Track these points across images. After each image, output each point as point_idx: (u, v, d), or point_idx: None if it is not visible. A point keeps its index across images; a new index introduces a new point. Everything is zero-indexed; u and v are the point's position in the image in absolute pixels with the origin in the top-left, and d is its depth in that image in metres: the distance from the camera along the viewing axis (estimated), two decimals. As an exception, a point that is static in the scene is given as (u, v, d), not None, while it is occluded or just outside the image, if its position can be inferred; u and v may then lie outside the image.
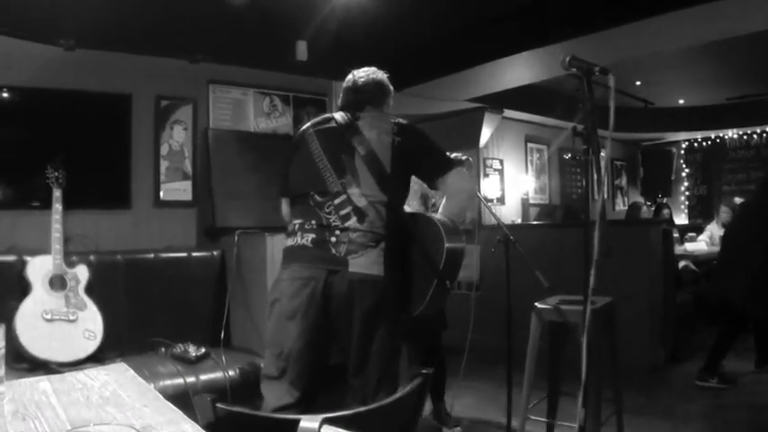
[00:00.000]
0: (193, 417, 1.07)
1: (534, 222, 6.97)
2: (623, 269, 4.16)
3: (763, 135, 8.60)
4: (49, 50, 3.34)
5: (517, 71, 4.94)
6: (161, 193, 3.77)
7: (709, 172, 9.18)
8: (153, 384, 2.43)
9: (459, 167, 2.14)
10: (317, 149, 2.07)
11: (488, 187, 6.93)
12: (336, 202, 1.98)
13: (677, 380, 4.25)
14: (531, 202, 7.56)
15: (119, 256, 3.20)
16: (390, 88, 2.28)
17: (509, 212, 7.19)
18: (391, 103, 2.30)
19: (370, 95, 2.21)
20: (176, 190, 3.83)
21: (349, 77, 2.28)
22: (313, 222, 1.98)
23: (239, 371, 2.80)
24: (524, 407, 2.63)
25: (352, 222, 1.94)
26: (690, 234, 6.65)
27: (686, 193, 9.50)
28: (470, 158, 2.96)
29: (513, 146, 7.50)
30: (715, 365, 3.97)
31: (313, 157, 2.07)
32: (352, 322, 1.93)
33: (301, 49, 4.00)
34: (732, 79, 6.67)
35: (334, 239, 1.93)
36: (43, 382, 1.36)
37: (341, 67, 2.27)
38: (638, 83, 6.77)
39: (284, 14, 3.65)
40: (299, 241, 1.99)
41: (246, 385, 2.68)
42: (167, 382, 2.57)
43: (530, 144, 7.74)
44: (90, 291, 2.82)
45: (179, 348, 2.86)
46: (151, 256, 3.31)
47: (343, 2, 3.57)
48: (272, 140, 4.12)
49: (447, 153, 2.25)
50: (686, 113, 8.23)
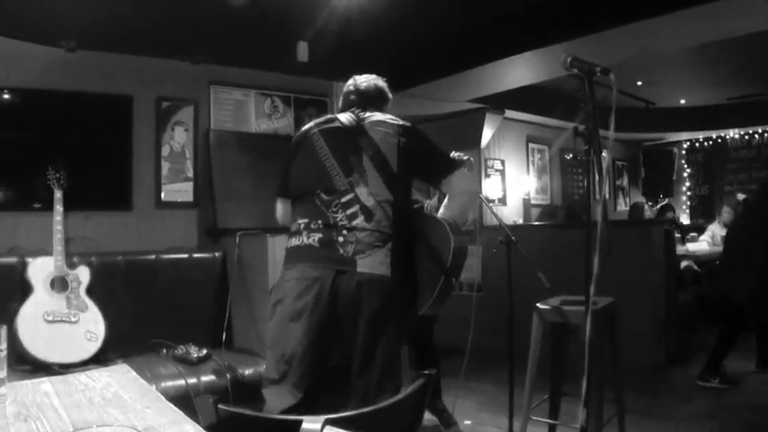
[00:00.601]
0: (195, 418, 1.07)
1: (536, 223, 6.97)
2: (625, 270, 4.15)
3: (765, 135, 8.59)
4: (50, 52, 3.34)
5: (518, 72, 4.94)
6: (162, 195, 3.77)
7: (711, 172, 9.17)
8: (155, 386, 2.43)
9: (462, 169, 2.16)
10: (322, 148, 2.07)
11: (490, 188, 6.93)
12: (343, 200, 1.97)
13: (679, 380, 4.24)
14: (532, 202, 7.56)
15: (120, 257, 3.20)
16: (390, 96, 2.31)
17: (510, 213, 7.18)
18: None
19: (373, 100, 2.23)
20: (177, 191, 3.83)
21: (350, 81, 2.30)
22: (319, 222, 1.97)
23: (241, 372, 2.80)
24: (526, 408, 2.62)
25: (359, 221, 1.94)
26: (692, 234, 6.64)
27: (688, 194, 9.49)
28: (472, 159, 2.95)
29: (515, 146, 7.49)
30: (716, 366, 3.96)
31: (319, 156, 2.06)
32: (357, 322, 1.92)
33: (302, 50, 4.01)
34: (733, 79, 6.66)
35: (341, 239, 1.93)
36: (45, 383, 1.36)
37: (342, 68, 2.28)
38: (639, 83, 6.77)
39: (285, 15, 3.66)
40: (305, 241, 1.98)
41: (248, 386, 2.67)
42: (169, 383, 2.57)
43: (531, 144, 7.74)
44: (91, 292, 2.83)
45: (180, 350, 2.86)
46: (152, 257, 3.31)
47: (344, 3, 3.57)
48: (273, 141, 4.12)
49: (449, 154, 2.27)
50: (687, 113, 8.22)
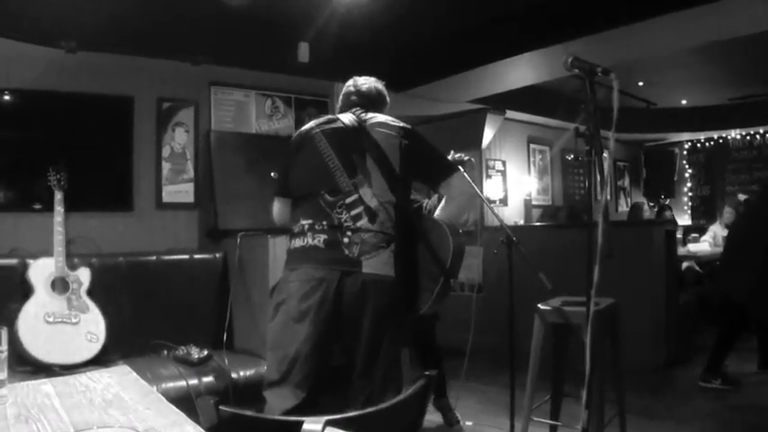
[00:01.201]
0: (196, 419, 1.07)
1: (537, 223, 6.95)
2: (626, 270, 4.14)
3: (766, 135, 8.58)
4: (50, 53, 3.34)
5: (519, 72, 4.94)
6: (163, 195, 3.77)
7: (712, 172, 9.16)
8: (155, 387, 2.43)
9: (461, 171, 2.18)
10: (325, 149, 2.06)
11: (491, 188, 6.92)
12: (348, 201, 1.97)
13: (680, 381, 4.24)
14: (533, 203, 7.55)
15: (121, 258, 3.20)
16: (388, 99, 2.33)
17: (512, 214, 7.18)
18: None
19: (373, 101, 2.25)
20: (178, 192, 3.83)
21: (350, 82, 2.30)
22: (324, 223, 1.97)
23: (242, 373, 2.80)
24: (527, 408, 2.62)
25: (363, 222, 1.95)
26: (693, 235, 6.63)
27: (689, 194, 9.48)
28: (473, 159, 2.94)
29: (516, 147, 7.49)
30: (717, 366, 3.96)
31: (322, 156, 2.06)
32: (362, 323, 1.92)
33: (303, 51, 4.01)
34: (735, 79, 6.65)
35: (346, 240, 1.93)
36: (46, 384, 1.36)
37: (343, 69, 2.28)
38: (640, 83, 6.76)
39: (286, 16, 3.66)
40: (309, 242, 1.97)
41: (249, 387, 2.67)
42: (170, 384, 2.57)
43: (532, 145, 7.73)
44: (92, 293, 2.83)
45: (181, 351, 2.85)
46: (153, 258, 3.31)
47: (345, 3, 3.57)
48: (273, 142, 4.12)
49: (448, 157, 2.31)
50: (689, 114, 8.21)
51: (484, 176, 6.83)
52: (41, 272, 2.72)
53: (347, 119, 2.11)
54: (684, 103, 7.93)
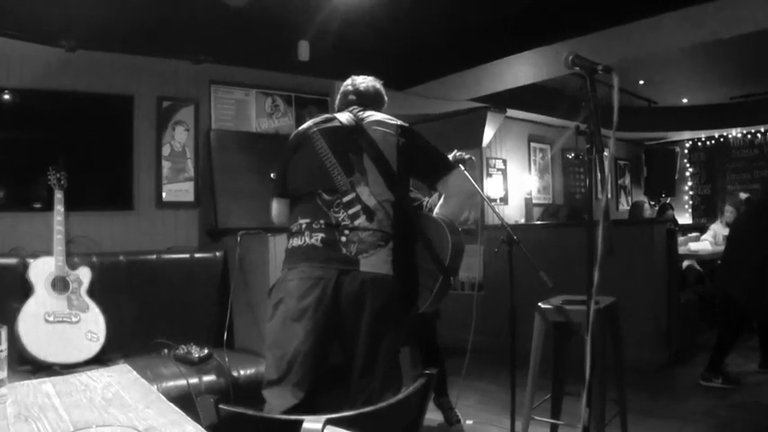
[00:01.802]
0: (196, 418, 1.06)
1: (538, 222, 6.95)
2: (627, 269, 4.15)
3: (767, 134, 8.58)
4: (50, 52, 3.34)
5: (520, 70, 4.93)
6: (163, 194, 3.77)
7: (713, 171, 9.16)
8: (156, 386, 2.43)
9: (459, 169, 2.19)
10: (323, 148, 2.06)
11: (492, 187, 6.92)
12: (345, 200, 1.97)
13: (681, 380, 4.23)
14: (534, 201, 7.54)
15: (121, 257, 3.20)
16: (386, 99, 2.34)
17: (512, 212, 7.18)
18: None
19: (371, 101, 2.25)
20: (178, 191, 3.83)
21: (348, 81, 2.31)
22: (321, 222, 1.97)
23: (242, 372, 2.80)
24: (528, 407, 2.62)
25: (361, 221, 1.95)
26: (694, 234, 6.63)
27: (690, 193, 9.47)
28: (473, 157, 2.94)
29: (516, 145, 7.48)
30: (718, 365, 3.96)
31: (319, 155, 2.05)
32: (360, 322, 1.92)
33: (303, 49, 4.00)
34: (736, 78, 6.64)
35: (344, 239, 1.93)
36: (46, 383, 1.35)
37: (343, 68, 2.28)
38: (641, 82, 6.75)
39: (286, 15, 3.65)
40: (307, 241, 1.97)
41: (250, 386, 2.67)
42: (170, 383, 2.57)
43: (533, 143, 7.73)
44: (92, 292, 2.83)
45: (182, 350, 2.85)
46: (153, 257, 3.31)
47: (345, 2, 3.56)
48: (274, 141, 4.12)
49: (446, 154, 2.28)
50: (690, 112, 8.20)
51: (484, 175, 6.83)
52: (41, 271, 2.72)
53: (344, 118, 2.11)
54: (685, 101, 7.93)
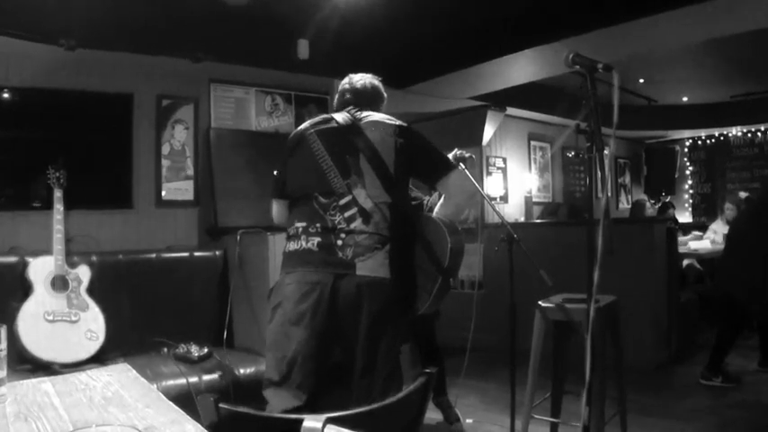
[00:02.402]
0: (196, 417, 1.06)
1: (538, 221, 6.95)
2: (627, 267, 4.15)
3: (767, 133, 8.57)
4: (49, 50, 3.34)
5: (520, 69, 4.93)
6: (163, 193, 3.77)
7: (713, 170, 9.15)
8: (155, 385, 2.43)
9: (459, 168, 2.17)
10: (319, 150, 2.04)
11: (491, 185, 6.91)
12: (341, 203, 1.95)
13: (681, 379, 4.24)
14: (534, 200, 7.54)
15: (120, 256, 3.20)
16: (385, 96, 2.31)
17: (512, 211, 7.17)
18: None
19: (369, 99, 2.22)
20: (178, 189, 3.83)
21: (346, 80, 2.28)
22: (318, 225, 1.95)
23: (242, 371, 2.80)
24: (528, 406, 2.62)
25: (357, 224, 1.92)
26: (697, 233, 6.63)
27: (690, 191, 9.47)
28: (473, 156, 2.94)
29: (516, 144, 7.48)
30: (718, 364, 3.96)
31: (316, 157, 2.04)
32: (358, 325, 1.91)
33: (303, 48, 3.99)
34: (736, 76, 6.64)
35: (340, 242, 1.91)
36: (45, 383, 1.35)
37: (343, 66, 2.27)
38: (641, 80, 6.75)
39: (286, 13, 3.65)
40: (303, 245, 1.96)
41: (250, 385, 2.67)
42: (170, 382, 2.57)
43: (533, 142, 7.72)
44: (92, 291, 2.82)
45: (181, 348, 2.85)
46: (153, 256, 3.31)
47: (345, 0, 3.56)
48: (274, 139, 4.11)
49: (446, 154, 2.24)
50: (690, 111, 8.19)
51: (484, 173, 6.82)
52: (41, 270, 2.72)
53: (341, 118, 2.08)
54: (686, 100, 7.92)
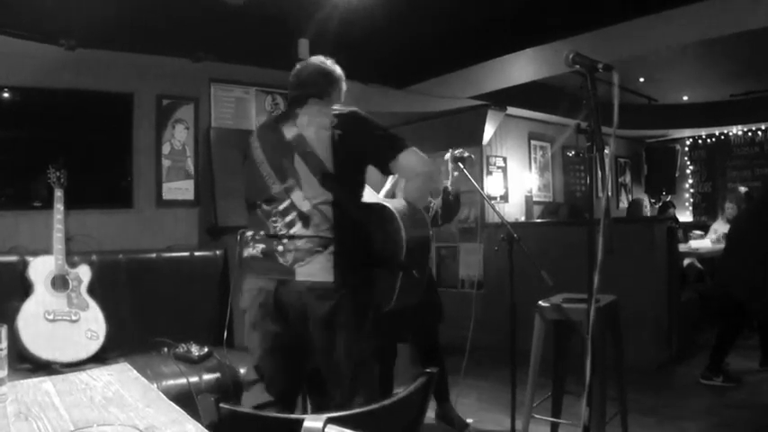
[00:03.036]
0: (197, 417, 1.06)
1: (538, 220, 6.95)
2: (628, 267, 4.14)
3: (768, 132, 8.57)
4: (49, 50, 3.34)
5: (520, 68, 4.92)
6: (163, 193, 3.77)
7: (714, 169, 9.14)
8: (156, 384, 2.43)
9: (412, 148, 1.94)
10: (259, 156, 2.01)
11: (492, 185, 6.91)
12: (281, 208, 1.90)
13: (682, 378, 4.23)
14: (534, 199, 7.53)
15: (121, 255, 3.19)
16: (337, 74, 2.15)
17: (512, 210, 7.16)
18: (344, 89, 2.18)
19: (314, 87, 2.08)
20: (178, 189, 3.83)
21: (293, 71, 2.16)
22: (262, 233, 1.93)
23: (242, 370, 2.79)
24: (528, 406, 2.62)
25: (297, 229, 1.86)
26: (695, 232, 6.62)
27: (691, 191, 9.46)
28: (473, 156, 2.94)
29: (517, 143, 7.47)
30: (719, 363, 3.96)
31: (257, 165, 2.00)
32: (308, 331, 1.88)
33: (303, 47, 3.99)
34: (736, 76, 6.63)
35: (281, 248, 1.87)
36: (46, 382, 1.35)
37: (343, 65, 2.24)
38: (641, 79, 6.74)
39: (286, 12, 3.64)
40: (251, 252, 1.95)
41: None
42: (170, 382, 2.57)
43: (533, 141, 7.71)
44: (92, 291, 2.82)
45: (182, 348, 2.85)
46: (153, 255, 3.30)
47: (345, 0, 3.55)
48: (274, 139, 4.11)
49: (396, 134, 2.01)
50: (690, 110, 8.18)
51: (485, 173, 6.82)
52: (41, 269, 2.72)
53: (282, 118, 2.04)
54: (686, 99, 7.91)
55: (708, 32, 4.20)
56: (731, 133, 8.88)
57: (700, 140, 9.32)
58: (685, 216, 9.05)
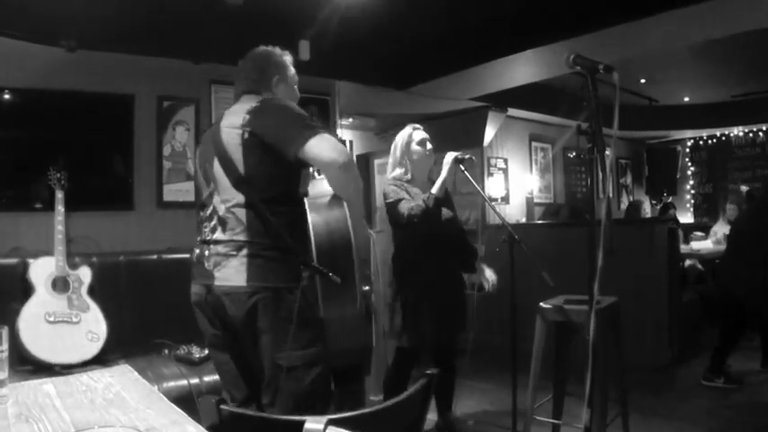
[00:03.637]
0: (197, 418, 1.06)
1: (539, 222, 6.95)
2: (629, 268, 4.14)
3: (769, 132, 8.57)
4: (50, 52, 3.34)
5: (521, 69, 4.93)
6: (164, 194, 3.77)
7: (715, 170, 9.14)
8: (156, 386, 2.43)
9: (324, 134, 1.73)
10: (196, 164, 2.00)
11: (493, 186, 6.92)
12: (207, 214, 1.88)
13: (683, 380, 4.23)
14: (535, 201, 7.53)
15: (121, 257, 3.19)
16: (273, 60, 2.02)
17: (513, 212, 7.17)
18: (290, 75, 2.04)
19: (248, 81, 1.99)
20: (179, 191, 3.83)
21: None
22: (198, 239, 1.92)
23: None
24: (530, 407, 2.61)
25: (217, 234, 1.82)
26: (696, 233, 6.62)
27: (692, 192, 9.46)
28: (473, 157, 2.93)
29: (518, 145, 7.47)
30: (720, 365, 3.95)
31: (197, 172, 1.99)
32: (231, 335, 1.85)
33: (304, 49, 3.99)
34: (737, 76, 6.63)
35: (207, 253, 1.84)
36: (47, 384, 1.36)
37: (344, 67, 2.24)
38: (642, 80, 6.74)
39: (286, 14, 3.65)
40: (192, 258, 1.94)
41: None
42: (171, 383, 2.57)
43: (534, 143, 7.72)
44: (93, 292, 2.82)
45: (182, 350, 2.85)
46: (154, 257, 3.30)
47: (346, 1, 3.56)
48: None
49: (308, 120, 1.80)
50: (691, 111, 8.19)
51: (486, 174, 6.82)
52: (42, 271, 2.72)
53: (216, 120, 1.98)
54: (687, 100, 7.91)
55: (708, 34, 4.20)
56: (732, 134, 8.88)
57: (701, 141, 9.32)
58: (686, 217, 9.05)
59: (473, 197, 5.57)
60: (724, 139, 9.02)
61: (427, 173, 3.00)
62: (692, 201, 9.43)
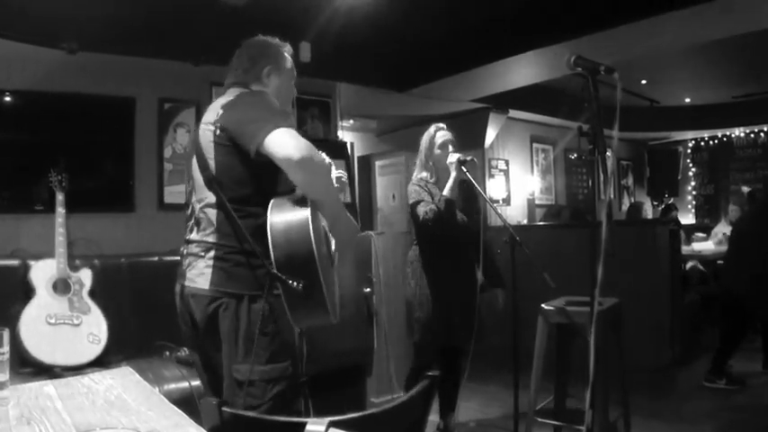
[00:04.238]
0: (199, 420, 1.06)
1: (540, 223, 6.94)
2: (630, 270, 4.13)
3: (770, 133, 8.56)
4: (51, 54, 3.34)
5: (522, 71, 4.93)
6: (165, 196, 3.77)
7: (716, 171, 9.13)
8: (158, 388, 2.42)
9: (286, 129, 1.57)
10: (186, 165, 1.96)
11: (494, 188, 6.92)
12: (188, 213, 1.85)
13: (685, 381, 4.22)
14: (536, 202, 7.53)
15: (123, 259, 3.20)
16: (267, 50, 1.91)
17: (515, 213, 7.17)
18: (285, 67, 1.92)
19: (238, 72, 1.89)
20: (180, 193, 3.82)
21: None
22: (184, 239, 1.88)
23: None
24: (531, 409, 2.61)
25: (193, 233, 1.78)
26: (698, 234, 6.61)
27: (693, 193, 9.45)
28: (475, 159, 2.94)
29: (519, 146, 7.48)
30: (722, 366, 3.94)
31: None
32: (199, 336, 1.80)
33: (304, 51, 4.00)
34: (738, 77, 6.63)
35: (185, 252, 1.81)
36: (48, 386, 1.35)
37: (345, 69, 2.24)
38: (643, 82, 6.74)
39: (287, 15, 3.65)
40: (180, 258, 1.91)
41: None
42: (172, 385, 2.57)
43: (535, 144, 7.72)
44: (94, 294, 2.82)
45: (184, 352, 2.84)
46: (155, 259, 3.30)
47: (347, 3, 3.56)
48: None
49: (273, 115, 1.64)
50: (692, 112, 8.18)
51: (487, 176, 6.82)
52: (43, 273, 2.72)
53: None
54: (688, 101, 7.91)
55: (710, 34, 4.20)
56: (733, 135, 8.88)
57: (702, 142, 9.31)
58: (688, 218, 9.04)
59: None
60: (725, 139, 9.01)
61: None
62: (694, 202, 9.43)
